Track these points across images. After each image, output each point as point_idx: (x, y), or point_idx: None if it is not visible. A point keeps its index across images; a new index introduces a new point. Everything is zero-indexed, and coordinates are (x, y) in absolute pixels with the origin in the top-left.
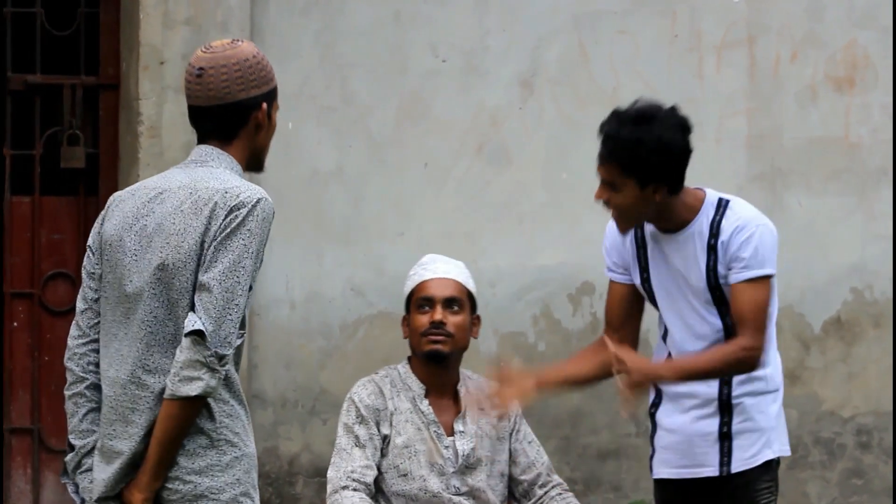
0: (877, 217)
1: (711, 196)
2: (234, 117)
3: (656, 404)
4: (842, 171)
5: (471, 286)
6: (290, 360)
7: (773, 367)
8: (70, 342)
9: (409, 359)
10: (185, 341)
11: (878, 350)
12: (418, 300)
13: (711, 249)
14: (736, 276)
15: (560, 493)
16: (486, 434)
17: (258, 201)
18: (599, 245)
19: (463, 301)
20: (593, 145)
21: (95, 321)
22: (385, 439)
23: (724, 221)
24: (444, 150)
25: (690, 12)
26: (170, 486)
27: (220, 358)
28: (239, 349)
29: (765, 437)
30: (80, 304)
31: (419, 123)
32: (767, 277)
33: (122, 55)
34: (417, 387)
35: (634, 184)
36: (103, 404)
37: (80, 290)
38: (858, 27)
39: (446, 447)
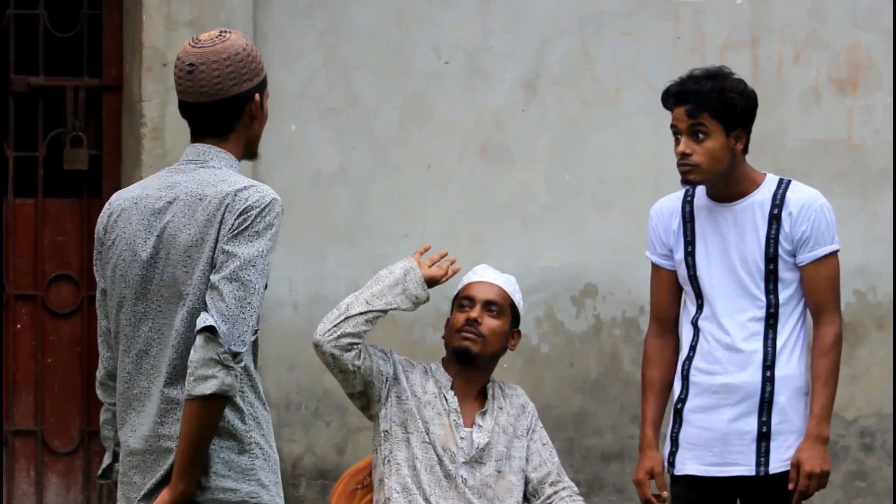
0: (880, 219)
1: (771, 175)
2: (228, 112)
3: (683, 399)
4: (845, 172)
5: (516, 299)
6: (294, 361)
7: (805, 367)
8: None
9: (443, 360)
10: (198, 339)
11: (882, 352)
12: (461, 299)
13: (774, 219)
14: (809, 256)
15: (570, 496)
16: (503, 431)
17: (269, 202)
18: (603, 246)
19: (503, 308)
20: (597, 146)
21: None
22: (393, 380)
23: (789, 194)
24: (448, 151)
25: (693, 14)
26: (210, 496)
27: (235, 355)
28: (256, 350)
29: (801, 438)
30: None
31: (423, 125)
32: (836, 252)
33: (125, 57)
34: (445, 379)
35: (721, 129)
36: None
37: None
38: (861, 28)
39: (462, 437)
